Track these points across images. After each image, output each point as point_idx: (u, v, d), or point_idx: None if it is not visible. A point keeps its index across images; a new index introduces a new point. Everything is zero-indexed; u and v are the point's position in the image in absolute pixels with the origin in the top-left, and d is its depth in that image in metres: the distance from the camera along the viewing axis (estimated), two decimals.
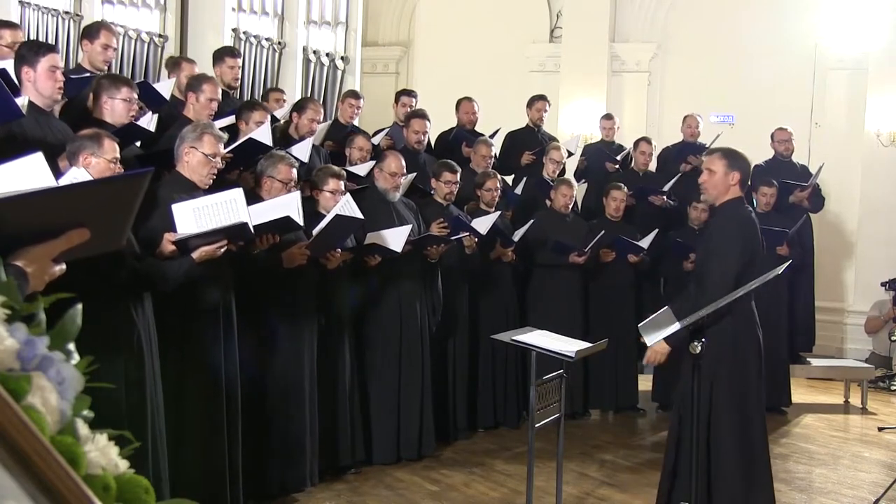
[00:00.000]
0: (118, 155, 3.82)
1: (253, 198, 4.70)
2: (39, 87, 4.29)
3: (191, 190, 4.26)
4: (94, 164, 3.71)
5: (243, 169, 5.28)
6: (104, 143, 3.76)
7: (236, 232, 4.00)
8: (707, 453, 4.10)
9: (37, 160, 2.91)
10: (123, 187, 1.59)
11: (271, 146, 5.18)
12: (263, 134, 5.16)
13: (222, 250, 3.99)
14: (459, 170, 6.38)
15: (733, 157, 4.29)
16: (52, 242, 1.46)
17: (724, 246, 4.16)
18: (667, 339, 4.06)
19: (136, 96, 4.75)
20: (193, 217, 3.93)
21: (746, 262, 4.17)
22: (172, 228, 3.93)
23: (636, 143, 8.31)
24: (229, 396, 4.36)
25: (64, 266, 1.57)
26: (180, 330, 4.20)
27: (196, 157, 4.27)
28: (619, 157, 8.30)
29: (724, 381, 4.10)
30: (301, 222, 4.67)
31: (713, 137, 8.57)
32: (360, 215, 5.10)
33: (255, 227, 4.40)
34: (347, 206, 5.05)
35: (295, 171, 4.92)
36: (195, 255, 3.94)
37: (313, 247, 4.82)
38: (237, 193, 4.04)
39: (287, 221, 4.51)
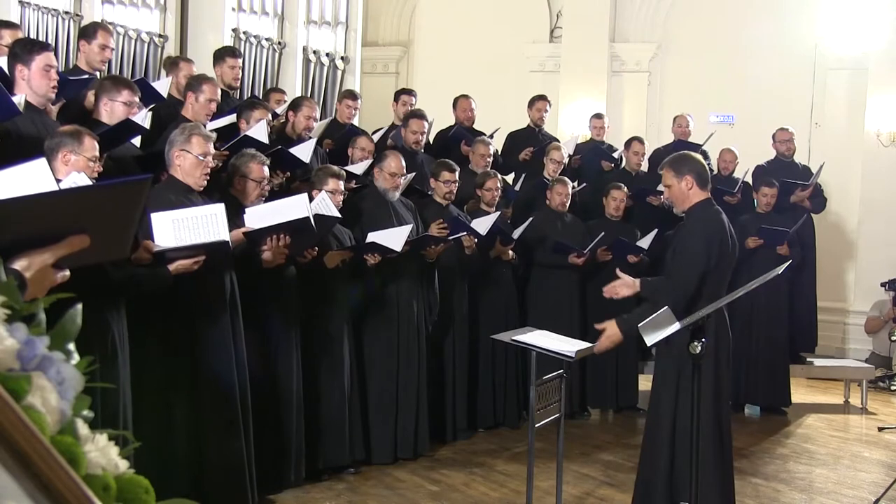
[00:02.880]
0: (97, 153, 3.80)
1: (228, 198, 4.69)
2: (34, 86, 4.29)
3: (187, 193, 4.26)
4: (74, 161, 3.68)
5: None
6: (84, 141, 3.74)
7: (216, 249, 3.97)
8: (673, 453, 4.12)
9: (40, 166, 2.92)
10: (123, 193, 1.58)
11: (266, 143, 5.17)
12: (259, 131, 5.15)
13: (198, 265, 3.96)
14: (458, 169, 6.37)
15: (679, 164, 4.27)
16: (51, 248, 1.46)
17: (690, 246, 4.15)
18: (622, 328, 4.11)
19: (137, 100, 4.75)
20: (172, 228, 3.90)
21: (715, 262, 4.16)
22: (149, 234, 3.89)
23: (628, 143, 8.27)
24: (241, 395, 4.38)
25: (67, 273, 1.57)
26: (190, 326, 4.21)
27: (188, 160, 4.26)
28: (615, 156, 8.29)
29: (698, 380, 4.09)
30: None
31: (706, 136, 8.60)
32: (336, 213, 5.08)
33: (269, 228, 4.39)
34: (323, 204, 5.03)
35: (266, 169, 4.85)
36: (171, 267, 3.91)
37: (291, 246, 4.81)
38: (218, 209, 4.01)
39: (304, 223, 4.50)
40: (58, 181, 3.21)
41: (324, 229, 5.06)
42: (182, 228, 3.91)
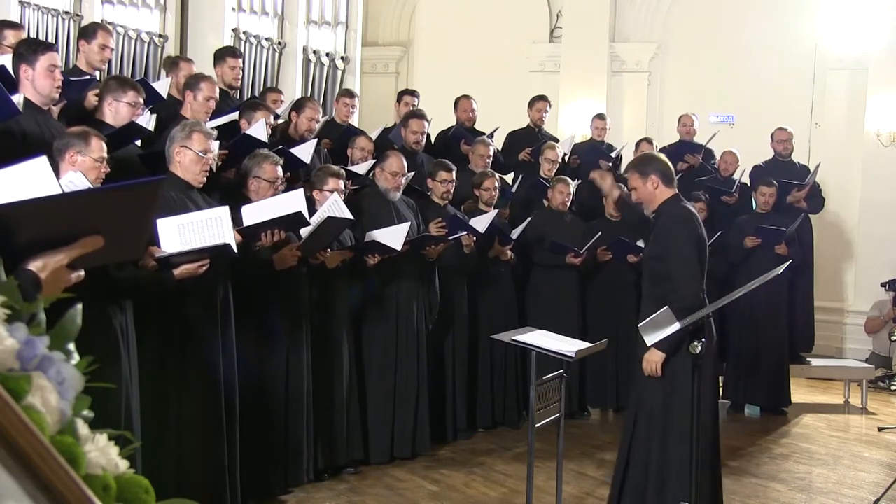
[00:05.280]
0: (105, 154, 3.80)
1: (241, 199, 4.70)
2: (38, 86, 4.29)
3: (186, 189, 4.25)
4: (81, 162, 3.69)
5: (240, 166, 5.27)
6: (91, 142, 3.75)
7: (219, 252, 3.97)
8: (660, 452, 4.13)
9: (41, 164, 2.92)
10: (136, 194, 1.60)
11: (265, 142, 5.17)
12: (258, 130, 5.15)
13: (203, 269, 3.95)
14: (455, 168, 6.37)
15: (643, 164, 4.34)
16: (65, 249, 1.48)
17: (680, 251, 4.15)
18: (657, 346, 4.04)
19: (141, 101, 4.75)
20: (178, 233, 3.88)
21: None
22: (155, 240, 3.88)
23: (638, 144, 8.32)
24: (227, 396, 4.36)
25: (82, 273, 1.58)
26: (180, 329, 4.20)
27: (188, 156, 4.26)
28: (613, 155, 8.30)
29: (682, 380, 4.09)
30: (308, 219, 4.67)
31: (710, 136, 8.61)
32: (349, 215, 5.08)
33: (262, 223, 4.40)
34: (336, 206, 5.03)
35: (280, 168, 4.87)
36: (176, 272, 3.90)
37: (304, 248, 4.81)
38: (223, 212, 4.01)
39: (298, 217, 4.50)
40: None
41: (336, 231, 5.05)
42: (187, 233, 3.90)
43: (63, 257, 1.48)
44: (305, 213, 4.59)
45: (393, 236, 5.38)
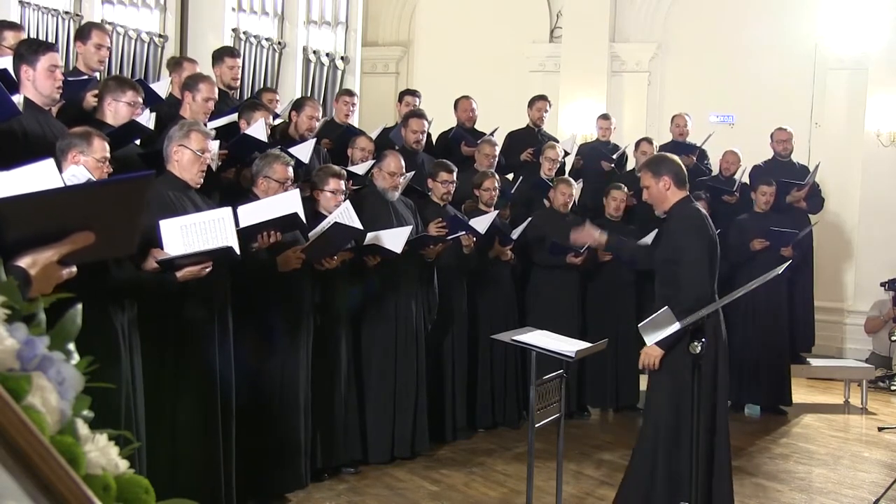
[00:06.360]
0: (107, 154, 3.80)
1: (249, 199, 4.70)
2: (39, 87, 4.29)
3: (183, 189, 4.25)
4: (83, 162, 3.69)
5: (240, 166, 5.27)
6: (93, 142, 3.75)
7: (222, 255, 3.96)
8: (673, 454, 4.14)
9: (48, 167, 2.93)
10: (124, 190, 1.59)
11: (265, 142, 5.17)
12: (257, 130, 5.15)
13: (206, 271, 3.95)
14: (455, 169, 6.36)
15: (656, 165, 4.35)
16: (55, 245, 1.47)
17: (690, 255, 4.16)
18: (659, 343, 4.05)
19: (140, 100, 4.75)
20: (181, 235, 3.88)
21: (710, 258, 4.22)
22: (157, 239, 3.86)
23: (637, 144, 8.31)
24: (224, 396, 4.36)
25: (74, 269, 1.58)
26: (177, 330, 4.20)
27: (186, 155, 4.26)
28: (614, 157, 8.30)
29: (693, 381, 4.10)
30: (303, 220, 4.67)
31: (705, 137, 8.60)
32: (359, 225, 5.07)
33: (258, 224, 4.40)
34: (347, 214, 5.02)
35: (291, 169, 4.88)
36: (179, 274, 3.89)
37: (309, 252, 4.80)
38: (226, 213, 4.01)
39: (293, 218, 4.50)
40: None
41: (344, 239, 5.04)
42: (190, 234, 3.90)
43: (53, 254, 1.48)
44: (301, 215, 4.58)
45: (394, 239, 5.38)
